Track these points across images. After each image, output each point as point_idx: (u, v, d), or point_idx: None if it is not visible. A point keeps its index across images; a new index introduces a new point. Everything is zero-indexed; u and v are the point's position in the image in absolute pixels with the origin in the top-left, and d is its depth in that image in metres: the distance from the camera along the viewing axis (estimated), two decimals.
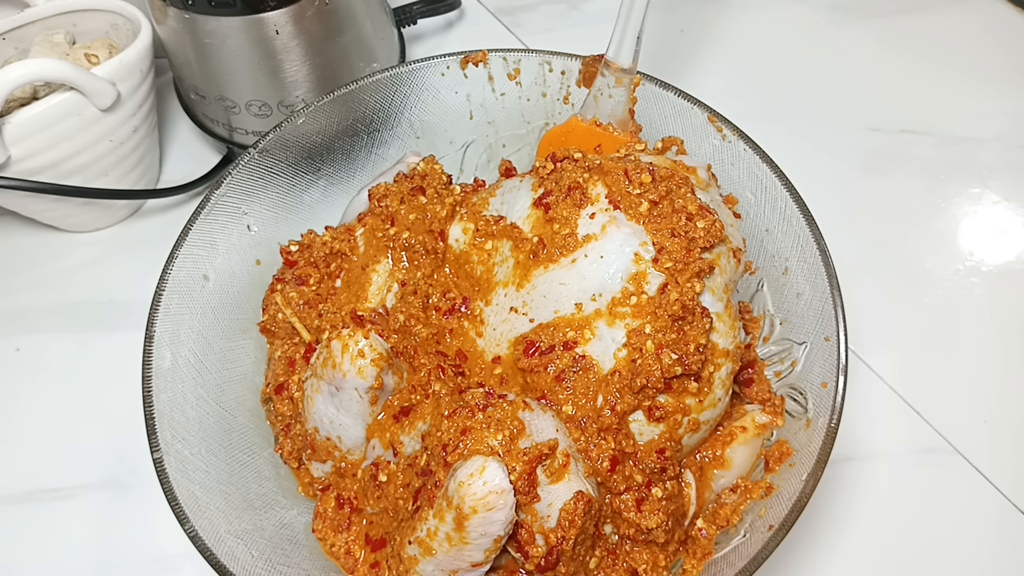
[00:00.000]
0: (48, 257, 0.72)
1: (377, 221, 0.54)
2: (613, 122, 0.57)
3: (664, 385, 0.45)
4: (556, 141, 0.59)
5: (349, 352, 0.47)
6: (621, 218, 0.48)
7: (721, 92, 0.58)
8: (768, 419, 0.50)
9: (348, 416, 0.49)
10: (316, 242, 0.57)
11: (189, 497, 0.45)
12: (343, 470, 0.51)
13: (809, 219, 0.50)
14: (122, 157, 0.69)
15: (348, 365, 0.47)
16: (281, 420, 0.53)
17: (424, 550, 0.43)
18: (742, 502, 0.48)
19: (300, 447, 0.52)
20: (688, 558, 0.47)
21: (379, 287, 0.53)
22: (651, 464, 0.46)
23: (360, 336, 0.48)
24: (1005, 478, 0.58)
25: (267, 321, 0.56)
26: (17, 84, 0.58)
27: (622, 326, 0.46)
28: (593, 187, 0.49)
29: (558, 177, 0.51)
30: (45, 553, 0.57)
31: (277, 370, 0.54)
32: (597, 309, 0.47)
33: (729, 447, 0.49)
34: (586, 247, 0.48)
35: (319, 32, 0.66)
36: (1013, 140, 0.76)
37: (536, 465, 0.42)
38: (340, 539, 0.50)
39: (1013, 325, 0.65)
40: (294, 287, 0.56)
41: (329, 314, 0.54)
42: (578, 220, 0.48)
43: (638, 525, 0.45)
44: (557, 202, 0.50)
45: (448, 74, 0.61)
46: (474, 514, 0.41)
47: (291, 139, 0.59)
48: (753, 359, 0.53)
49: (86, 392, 0.64)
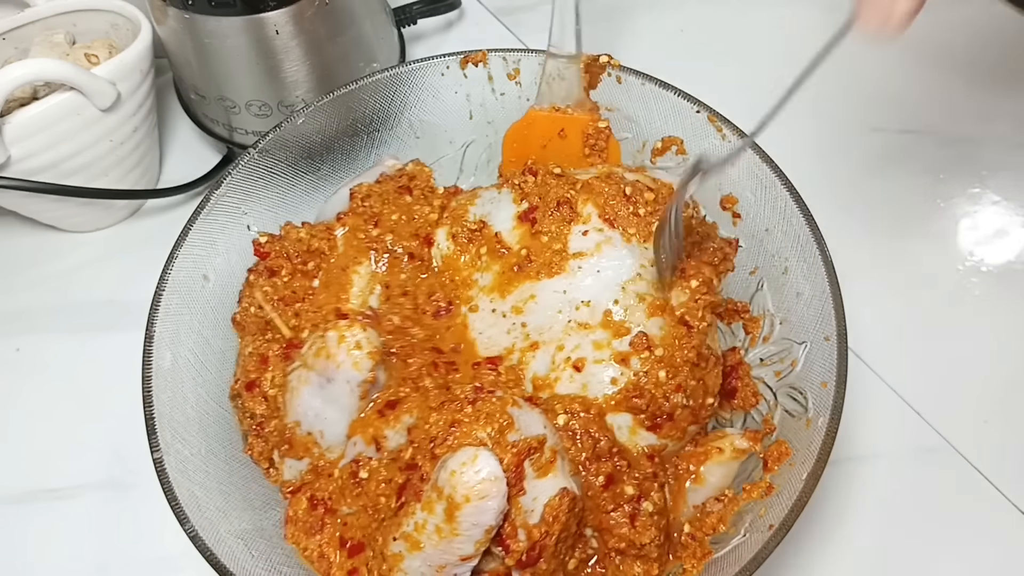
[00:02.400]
0: (48, 257, 0.72)
1: (359, 221, 0.54)
2: (570, 103, 0.57)
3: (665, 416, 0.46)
4: (519, 136, 0.59)
5: (346, 343, 0.47)
6: (617, 238, 0.49)
7: (720, 92, 0.58)
8: (747, 445, 0.50)
9: (335, 410, 0.48)
10: (291, 234, 0.56)
11: (189, 497, 0.45)
12: (320, 469, 0.49)
13: (809, 218, 0.50)
14: (122, 157, 0.69)
15: (344, 356, 0.47)
16: (253, 419, 0.52)
17: (411, 545, 0.42)
18: (729, 511, 0.48)
19: (274, 444, 0.51)
20: (688, 558, 0.47)
21: (361, 289, 0.53)
22: (644, 470, 0.46)
23: (358, 328, 0.47)
24: (1005, 478, 0.58)
25: (240, 314, 0.55)
26: (17, 84, 0.58)
27: (625, 349, 0.48)
28: (583, 205, 0.51)
29: (542, 191, 0.52)
30: (45, 553, 0.57)
31: (248, 366, 0.53)
32: (590, 323, 0.48)
33: (704, 465, 0.49)
34: (580, 260, 0.49)
35: (319, 32, 0.66)
36: (1013, 140, 0.76)
37: (525, 458, 0.43)
38: (313, 542, 0.48)
39: (1013, 325, 0.65)
40: (266, 278, 0.55)
41: (309, 313, 0.53)
42: (569, 236, 0.50)
43: (631, 541, 0.45)
44: (544, 217, 0.51)
45: (448, 74, 0.61)
46: (467, 503, 0.40)
47: (291, 139, 0.59)
48: (738, 362, 0.54)
49: (86, 392, 0.64)
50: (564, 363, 0.49)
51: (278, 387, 0.51)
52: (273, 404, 0.51)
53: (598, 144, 0.58)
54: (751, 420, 0.53)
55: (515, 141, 0.59)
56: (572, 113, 0.57)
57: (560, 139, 0.57)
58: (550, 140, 0.58)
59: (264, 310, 0.54)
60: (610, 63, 0.58)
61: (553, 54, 0.56)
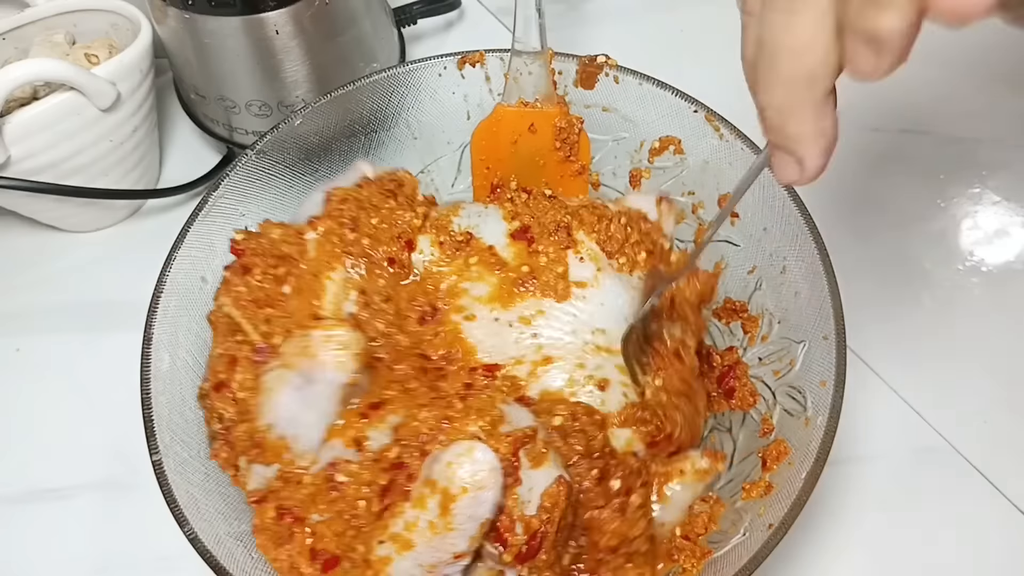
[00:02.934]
0: (48, 257, 0.73)
1: (334, 225, 0.52)
2: (539, 97, 0.57)
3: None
4: (488, 133, 0.59)
5: (332, 342, 0.46)
6: (612, 270, 0.52)
7: (720, 92, 0.58)
8: (708, 464, 0.49)
9: (312, 414, 0.46)
10: (268, 231, 0.54)
11: (188, 499, 0.45)
12: (289, 476, 0.47)
13: (807, 218, 0.50)
14: (122, 157, 0.69)
15: (328, 356, 0.46)
16: (221, 421, 0.50)
17: (401, 545, 0.41)
18: (717, 511, 0.48)
19: (242, 449, 0.48)
20: (687, 558, 0.47)
21: (335, 295, 0.51)
22: (630, 466, 0.46)
23: (345, 329, 0.46)
24: (1005, 478, 0.58)
25: (214, 313, 0.53)
26: (17, 84, 0.58)
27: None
28: (577, 231, 0.52)
29: (536, 212, 0.54)
30: (45, 553, 0.58)
31: (217, 367, 0.51)
32: (612, 348, 0.50)
33: (666, 485, 0.49)
34: (583, 290, 0.51)
35: (319, 32, 0.66)
36: (1013, 140, 0.76)
37: (519, 447, 0.42)
38: (283, 552, 0.46)
39: (1013, 325, 0.65)
40: (240, 277, 0.52)
41: (280, 319, 0.51)
42: (567, 261, 0.52)
43: (624, 535, 0.45)
44: (541, 238, 0.52)
45: (445, 74, 0.61)
46: (463, 494, 0.40)
47: (288, 140, 0.59)
48: (736, 361, 0.54)
49: (86, 392, 0.64)
50: (586, 380, 0.48)
51: (248, 390, 0.49)
52: (243, 406, 0.49)
53: (569, 138, 0.57)
54: (750, 419, 0.53)
55: (484, 139, 0.59)
56: (541, 107, 0.57)
57: (530, 134, 0.57)
58: (520, 135, 0.57)
59: (232, 314, 0.52)
60: (607, 63, 0.58)
61: (518, 50, 0.55)
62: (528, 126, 0.57)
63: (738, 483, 0.49)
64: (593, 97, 0.60)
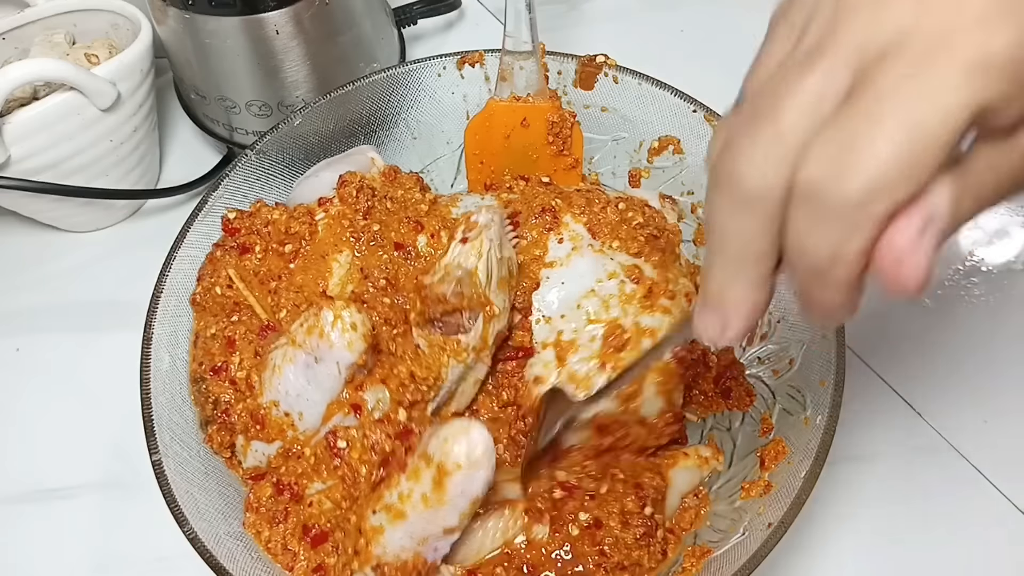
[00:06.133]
0: (48, 257, 0.73)
1: (347, 209, 0.53)
2: (531, 92, 0.57)
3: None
4: (481, 128, 0.59)
5: (341, 322, 0.46)
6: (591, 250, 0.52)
7: (720, 92, 0.58)
8: (710, 452, 0.51)
9: (318, 392, 0.47)
10: (262, 212, 0.54)
11: (188, 499, 0.45)
12: (291, 452, 0.48)
13: None
14: (122, 157, 0.69)
15: (337, 336, 0.45)
16: (217, 406, 0.50)
17: (394, 515, 0.42)
18: (703, 505, 0.49)
19: (242, 427, 0.48)
20: (687, 556, 0.47)
21: (341, 277, 0.51)
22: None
23: (354, 309, 0.46)
24: (1005, 478, 0.58)
25: (200, 294, 0.53)
26: (17, 84, 0.58)
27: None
28: (564, 214, 0.52)
29: (528, 197, 0.54)
30: (45, 553, 0.58)
31: (212, 349, 0.51)
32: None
33: (671, 470, 0.50)
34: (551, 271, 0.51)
35: (319, 32, 0.66)
36: None
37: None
38: (276, 532, 0.46)
39: (1013, 325, 0.65)
40: (236, 256, 0.53)
41: (288, 292, 0.51)
42: (547, 243, 0.51)
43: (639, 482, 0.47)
44: (527, 221, 0.52)
45: (444, 75, 0.61)
46: (457, 470, 0.41)
47: (288, 141, 0.59)
48: (731, 361, 0.54)
49: (86, 392, 0.64)
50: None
51: (247, 369, 0.49)
52: (242, 386, 0.49)
53: (562, 132, 0.57)
54: (749, 419, 0.53)
55: (477, 134, 0.59)
56: (533, 102, 0.57)
57: (523, 128, 0.57)
58: (513, 130, 0.57)
59: (238, 289, 0.51)
60: (607, 63, 0.58)
61: (509, 48, 0.56)
62: (520, 121, 0.57)
63: (737, 482, 0.49)
64: (592, 97, 0.60)
